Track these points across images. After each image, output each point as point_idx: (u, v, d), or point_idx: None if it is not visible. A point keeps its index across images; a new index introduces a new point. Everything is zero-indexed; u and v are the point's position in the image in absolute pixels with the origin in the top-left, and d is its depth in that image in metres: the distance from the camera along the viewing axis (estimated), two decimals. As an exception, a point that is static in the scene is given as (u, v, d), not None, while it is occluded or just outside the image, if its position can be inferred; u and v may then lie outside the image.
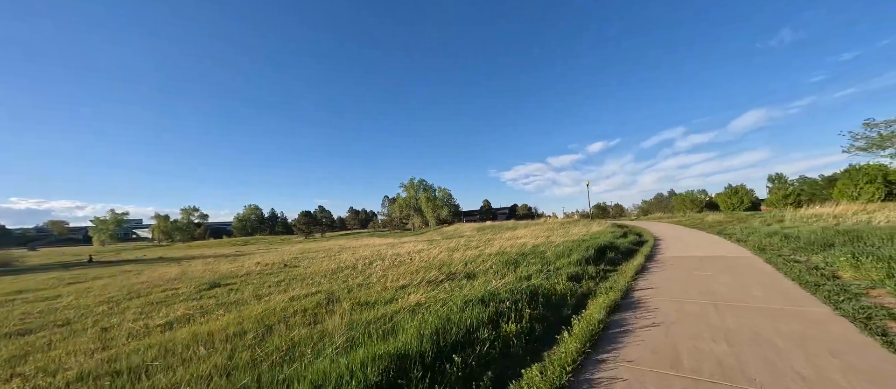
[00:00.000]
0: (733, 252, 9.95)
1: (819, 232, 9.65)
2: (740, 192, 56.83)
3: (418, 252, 17.32)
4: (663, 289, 6.02)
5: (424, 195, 65.94)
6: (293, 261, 20.38)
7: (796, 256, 8.26)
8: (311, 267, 15.66)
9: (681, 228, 21.01)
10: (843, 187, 51.63)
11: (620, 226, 22.86)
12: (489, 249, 14.40)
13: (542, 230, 25.24)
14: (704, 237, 15.28)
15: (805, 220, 16.35)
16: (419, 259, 13.67)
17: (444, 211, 64.05)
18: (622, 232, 17.73)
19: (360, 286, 8.80)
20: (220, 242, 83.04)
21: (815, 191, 60.76)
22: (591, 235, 17.19)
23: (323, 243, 47.17)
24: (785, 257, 8.19)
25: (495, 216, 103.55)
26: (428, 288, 7.22)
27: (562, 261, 8.92)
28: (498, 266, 9.21)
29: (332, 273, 12.52)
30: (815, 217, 16.88)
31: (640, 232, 19.60)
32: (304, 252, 28.28)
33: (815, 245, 8.16)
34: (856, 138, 22.67)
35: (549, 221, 33.44)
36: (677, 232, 18.85)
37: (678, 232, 18.81)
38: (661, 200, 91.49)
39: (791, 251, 8.82)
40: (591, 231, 20.04)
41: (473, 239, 25.98)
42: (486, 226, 42.92)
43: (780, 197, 55.00)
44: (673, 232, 18.58)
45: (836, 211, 17.59)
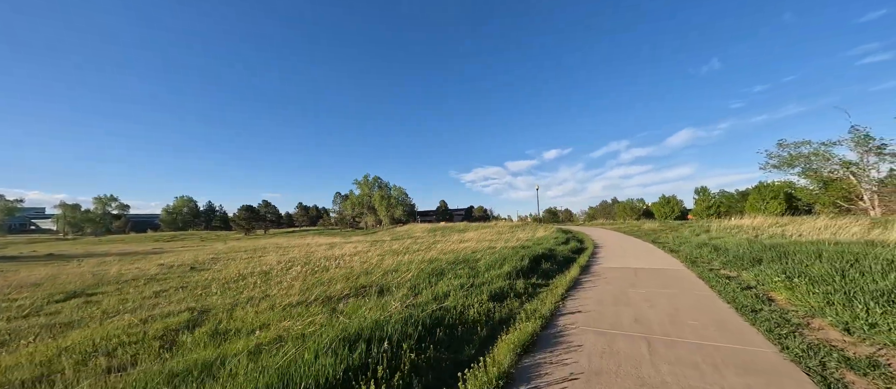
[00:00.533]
0: (667, 263, 9.63)
1: (745, 246, 9.64)
2: (672, 202, 62.01)
3: (353, 254, 15.67)
4: (593, 315, 5.08)
5: (379, 193, 63.37)
6: (207, 262, 17.76)
7: (727, 271, 7.96)
8: (223, 270, 13.41)
9: (620, 235, 21.43)
10: (753, 201, 58.40)
11: (565, 231, 22.89)
12: (426, 254, 13.12)
13: (491, 233, 24.60)
14: (641, 245, 15.34)
15: (729, 231, 17.17)
16: (347, 264, 12.06)
17: (399, 211, 62.03)
18: (565, 238, 17.43)
19: (250, 300, 7.01)
20: (141, 237, 73.78)
21: (731, 203, 68.21)
22: (534, 241, 16.63)
23: (259, 241, 42.96)
24: (716, 272, 7.84)
25: (451, 217, 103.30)
26: (320, 308, 5.69)
27: (491, 273, 7.84)
28: (421, 277, 7.91)
29: (238, 279, 10.50)
30: (736, 228, 17.89)
31: (583, 238, 19.56)
32: (230, 251, 25.19)
33: (744, 259, 7.93)
34: (770, 157, 24.94)
35: (499, 224, 33.12)
36: (617, 239, 19.05)
37: (617, 239, 19.01)
38: (606, 207, 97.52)
39: (721, 265, 8.59)
40: (536, 236, 19.63)
41: (419, 241, 24.62)
42: (438, 227, 41.86)
43: (704, 208, 60.78)
44: (612, 239, 18.72)
45: (754, 223, 18.89)
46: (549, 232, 22.01)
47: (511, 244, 14.42)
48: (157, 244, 47.93)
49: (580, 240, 17.85)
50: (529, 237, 19.54)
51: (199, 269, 15.11)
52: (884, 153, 20.04)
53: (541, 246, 13.14)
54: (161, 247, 38.75)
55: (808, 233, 12.75)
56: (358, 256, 14.61)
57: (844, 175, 22.07)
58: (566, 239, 16.53)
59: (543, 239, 17.27)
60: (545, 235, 19.73)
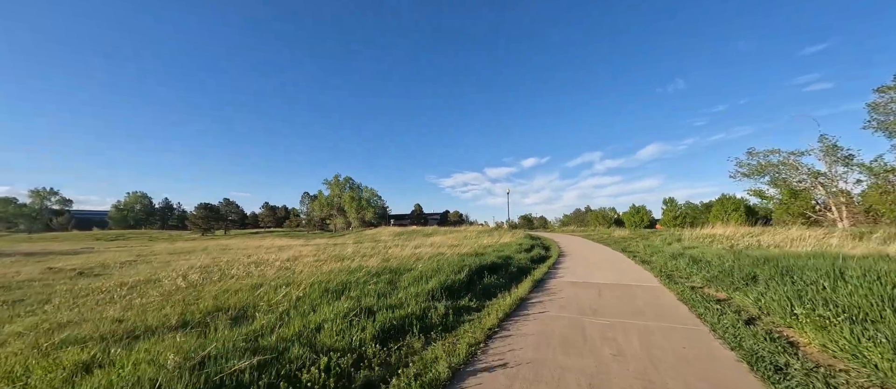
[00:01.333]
0: (639, 278, 7.90)
1: (729, 257, 8.06)
2: (641, 212, 62.65)
3: (290, 259, 13.35)
4: (523, 375, 3.06)
5: (348, 194, 60.21)
6: (116, 266, 14.98)
7: (714, 290, 6.24)
8: (112, 278, 10.82)
9: (590, 242, 19.95)
10: (717, 212, 59.81)
11: (533, 238, 21.23)
12: (368, 261, 10.88)
13: (456, 238, 22.64)
14: (610, 254, 13.74)
15: (702, 240, 15.99)
16: (262, 273, 9.77)
17: (369, 213, 59.08)
18: (530, 244, 15.63)
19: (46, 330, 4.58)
20: (80, 235, 67.00)
21: (696, 214, 70.03)
22: (495, 247, 14.73)
23: (209, 242, 39.20)
24: (700, 292, 6.10)
25: (426, 221, 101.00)
26: (102, 346, 3.39)
27: (413, 290, 5.75)
28: (314, 294, 5.71)
29: (90, 294, 7.93)
30: (709, 237, 16.72)
31: (550, 245, 17.89)
32: (162, 252, 22.09)
33: (733, 276, 6.24)
34: (740, 165, 24.43)
35: (469, 230, 31.30)
36: (585, 246, 17.48)
37: (586, 246, 17.44)
38: (579, 215, 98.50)
39: (704, 281, 6.89)
40: (500, 241, 17.79)
41: (380, 245, 22.31)
42: (407, 231, 39.60)
43: (671, 218, 61.72)
44: (581, 247, 17.13)
45: (726, 232, 17.88)
46: (515, 238, 20.26)
47: (465, 250, 12.42)
48: (92, 243, 42.83)
49: (546, 247, 16.13)
50: (493, 242, 17.65)
51: (91, 275, 12.63)
52: (852, 164, 19.73)
53: (497, 254, 11.21)
54: (91, 247, 34.36)
55: (786, 245, 11.59)
56: (293, 261, 12.38)
57: (813, 185, 21.75)
58: (530, 246, 14.72)
59: (506, 245, 15.42)
60: (510, 241, 17.92)
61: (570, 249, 15.81)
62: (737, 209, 56.31)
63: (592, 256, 13.00)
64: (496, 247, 14.48)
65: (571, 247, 16.80)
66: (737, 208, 56.43)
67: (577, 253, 13.99)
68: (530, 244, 15.73)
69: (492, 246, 15.23)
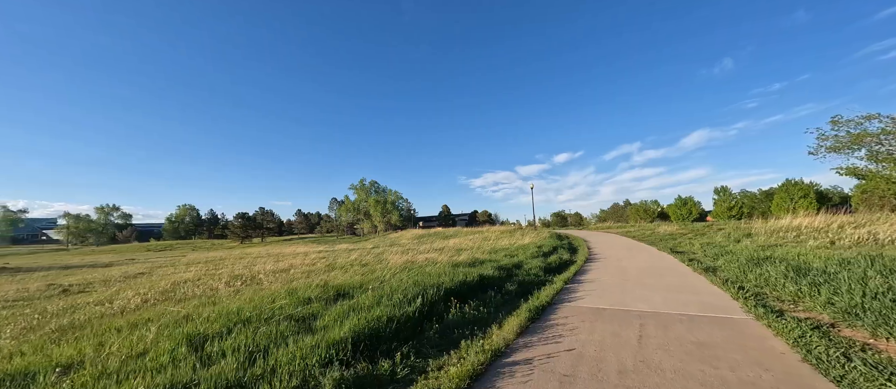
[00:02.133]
0: (706, 301, 5.05)
1: (859, 267, 4.96)
2: (689, 204, 55.78)
3: (278, 271, 11.97)
4: None
5: (373, 198, 59.65)
6: (111, 282, 14.67)
7: (862, 332, 3.37)
8: (103, 292, 10.04)
9: (629, 241, 16.52)
10: (780, 201, 51.51)
11: (561, 237, 18.22)
12: (330, 276, 8.90)
13: (474, 240, 20.25)
14: (655, 257, 10.58)
15: (784, 235, 12.23)
16: (226, 291, 8.25)
17: (395, 216, 58.08)
18: (553, 246, 12.80)
19: None
20: (133, 246, 72.69)
21: (754, 204, 61.13)
22: (508, 250, 12.14)
23: (241, 249, 40.21)
24: (838, 338, 3.27)
25: (454, 222, 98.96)
26: None
27: (306, 343, 3.51)
28: (221, 324, 3.66)
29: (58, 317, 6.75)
30: (792, 230, 12.80)
31: (578, 245, 14.86)
32: (187, 263, 22.05)
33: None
34: (823, 138, 19.41)
35: (491, 230, 28.69)
36: (623, 246, 14.15)
37: (624, 246, 14.12)
38: (617, 210, 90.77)
39: (834, 314, 3.96)
40: (519, 243, 15.11)
41: (394, 247, 20.57)
42: (429, 233, 37.68)
43: (725, 209, 54.31)
44: (617, 247, 13.85)
45: (815, 223, 13.71)
46: (538, 238, 17.40)
47: (463, 257, 9.97)
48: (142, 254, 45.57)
49: (573, 249, 13.20)
50: (510, 244, 15.02)
51: (73, 293, 12.34)
52: None
53: (504, 260, 8.68)
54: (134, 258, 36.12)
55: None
56: (286, 272, 11.21)
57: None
58: (551, 249, 11.92)
59: (523, 247, 12.75)
60: (529, 243, 15.18)
61: (603, 250, 12.70)
62: (805, 195, 48.04)
63: (632, 261, 9.97)
64: (510, 251, 11.88)
65: (605, 248, 13.62)
66: (805, 194, 48.15)
67: (610, 257, 10.95)
68: (553, 246, 12.91)
69: (506, 248, 12.65)
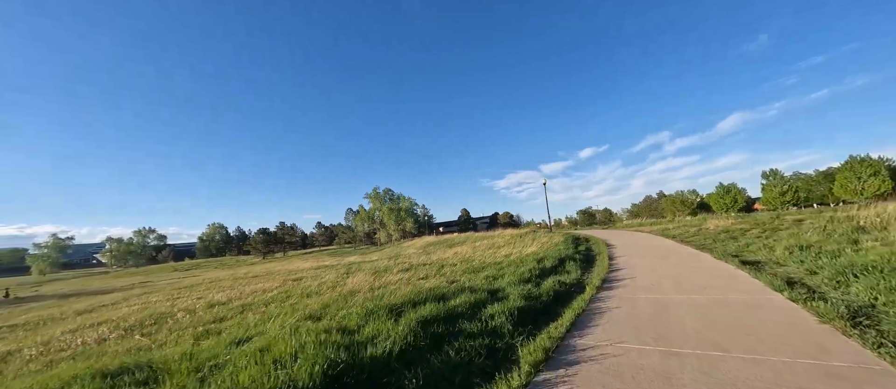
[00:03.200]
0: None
1: None
2: (733, 191, 51.12)
3: (266, 293, 11.01)
4: None
5: (386, 206, 59.00)
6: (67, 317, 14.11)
7: None
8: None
9: (668, 242, 14.08)
10: (843, 181, 45.74)
11: (579, 241, 16.17)
12: (299, 303, 7.64)
13: (478, 248, 18.66)
14: (717, 276, 6.88)
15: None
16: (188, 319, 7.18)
17: (409, 223, 57.10)
18: (561, 256, 10.91)
19: None
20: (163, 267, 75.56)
21: (809, 187, 54.82)
22: (501, 265, 10.46)
23: (262, 265, 40.49)
24: None
25: (475, 226, 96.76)
26: None
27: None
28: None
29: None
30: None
31: (599, 251, 12.83)
32: (196, 284, 21.95)
33: None
34: None
35: (502, 235, 26.87)
36: (661, 254, 11.12)
37: (662, 255, 11.05)
38: (651, 203, 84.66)
39: None
40: (523, 252, 13.35)
41: (398, 259, 19.29)
42: (440, 241, 36.18)
43: (776, 195, 49.24)
44: (652, 257, 10.61)
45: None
46: (550, 243, 15.49)
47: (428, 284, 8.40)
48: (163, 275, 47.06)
49: (588, 260, 11.23)
50: (507, 255, 13.29)
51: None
52: None
53: (481, 284, 7.05)
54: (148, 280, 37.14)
55: None
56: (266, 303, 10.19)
57: None
58: (558, 262, 10.05)
59: (521, 260, 10.99)
60: (536, 250, 13.35)
61: (632, 262, 9.69)
62: (875, 173, 42.29)
63: (678, 284, 6.29)
64: (501, 266, 10.21)
65: (634, 258, 10.68)
66: (875, 172, 42.40)
67: (642, 275, 7.61)
68: (561, 256, 11.05)
69: (497, 264, 10.97)
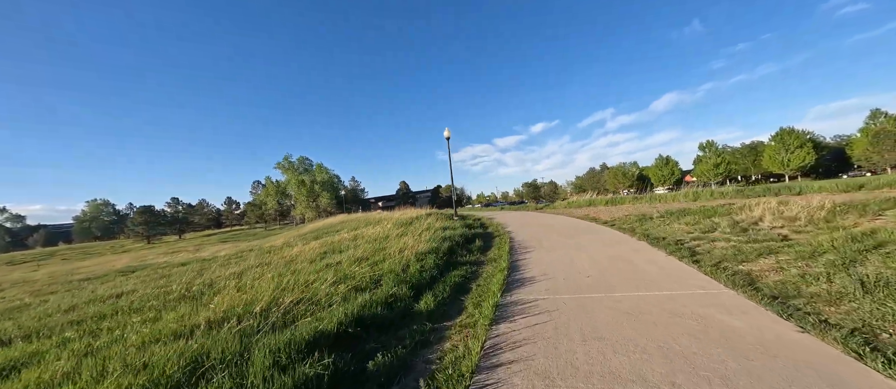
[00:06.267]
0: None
1: None
2: (671, 163, 49.46)
3: None
4: None
5: (296, 178, 49.01)
6: None
7: None
8: None
9: (608, 234, 7.90)
10: (772, 153, 46.08)
11: (471, 227, 9.57)
12: None
13: (339, 240, 11.36)
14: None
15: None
16: None
17: (325, 198, 48.00)
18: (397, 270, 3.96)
19: None
20: (19, 254, 58.56)
21: (736, 160, 55.95)
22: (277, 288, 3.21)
23: (113, 255, 30.04)
24: None
25: (415, 199, 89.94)
26: None
27: None
28: None
29: None
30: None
31: (482, 271, 6.11)
32: None
33: None
34: None
35: (391, 217, 19.72)
36: (602, 259, 5.34)
37: (603, 259, 5.30)
38: (594, 176, 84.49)
39: None
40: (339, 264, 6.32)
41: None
42: (330, 225, 27.81)
43: (711, 167, 48.51)
44: (584, 279, 4.93)
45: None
46: (430, 233, 8.60)
47: None
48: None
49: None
50: (360, 255, 6.10)
51: None
52: None
53: None
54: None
55: None
56: None
57: None
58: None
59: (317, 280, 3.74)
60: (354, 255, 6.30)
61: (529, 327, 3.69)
62: (802, 145, 42.74)
63: None
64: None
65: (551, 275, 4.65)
66: (802, 144, 42.85)
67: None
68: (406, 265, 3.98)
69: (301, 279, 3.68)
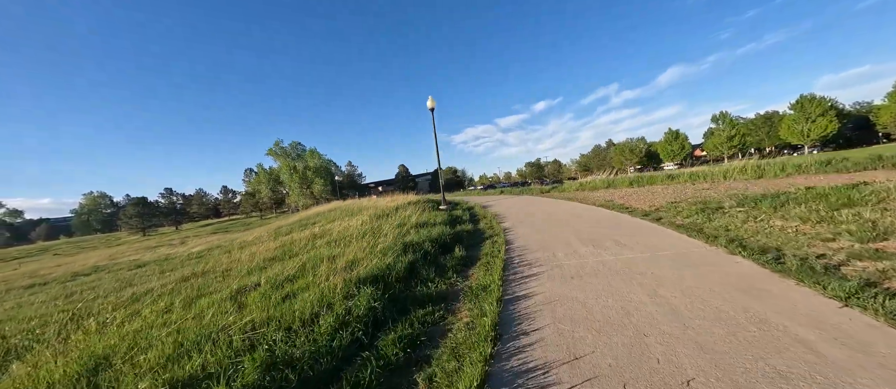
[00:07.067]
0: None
1: None
2: (680, 138, 46.59)
3: None
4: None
5: (286, 165, 47.10)
6: None
7: None
8: None
9: (657, 238, 5.73)
10: (791, 124, 43.13)
11: (461, 219, 7.60)
12: None
13: (309, 234, 9.49)
14: None
15: None
16: None
17: (318, 185, 46.24)
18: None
19: None
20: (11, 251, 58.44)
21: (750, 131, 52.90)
22: None
23: (108, 250, 29.22)
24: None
25: (415, 184, 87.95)
26: None
27: None
28: None
29: None
30: None
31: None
32: None
33: None
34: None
35: (368, 204, 17.86)
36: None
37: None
38: (599, 153, 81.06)
39: None
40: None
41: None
42: (317, 215, 25.95)
43: (724, 140, 45.67)
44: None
45: None
46: (382, 235, 6.67)
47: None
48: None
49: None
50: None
51: None
52: None
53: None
54: None
55: None
56: None
57: None
58: None
59: None
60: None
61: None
62: (824, 113, 39.78)
63: None
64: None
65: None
66: (824, 111, 39.88)
67: None
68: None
69: None
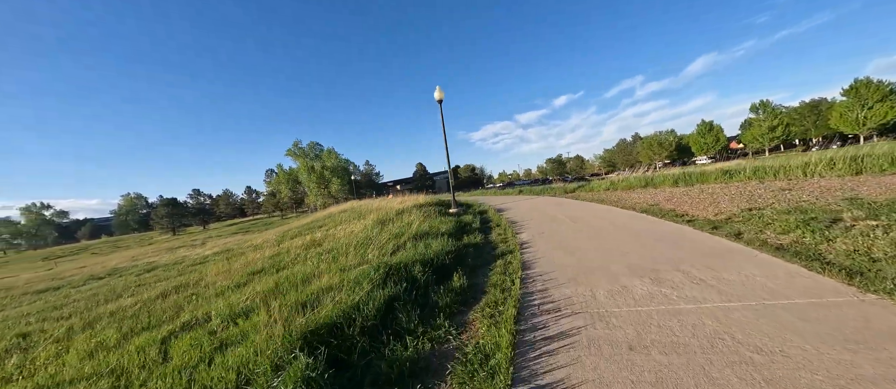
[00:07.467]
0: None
1: None
2: (715, 130, 43.11)
3: None
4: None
5: (304, 164, 47.54)
6: None
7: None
8: None
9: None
10: (843, 110, 38.72)
11: (470, 228, 6.65)
12: None
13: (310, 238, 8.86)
14: None
15: None
16: None
17: (335, 185, 46.39)
18: None
19: None
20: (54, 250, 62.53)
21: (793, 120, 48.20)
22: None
23: (139, 249, 30.71)
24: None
25: (433, 182, 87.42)
26: None
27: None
28: None
29: None
30: None
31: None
32: None
33: None
34: None
35: (384, 204, 17.19)
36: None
37: None
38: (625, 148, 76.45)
39: None
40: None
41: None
42: (327, 216, 25.71)
43: (765, 131, 41.85)
44: None
45: None
46: (364, 252, 5.80)
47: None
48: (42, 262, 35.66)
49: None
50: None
51: None
52: None
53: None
54: None
55: None
56: None
57: None
58: None
59: None
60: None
61: None
62: (884, 98, 35.29)
63: None
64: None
65: None
66: (884, 97, 35.39)
67: None
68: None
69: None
